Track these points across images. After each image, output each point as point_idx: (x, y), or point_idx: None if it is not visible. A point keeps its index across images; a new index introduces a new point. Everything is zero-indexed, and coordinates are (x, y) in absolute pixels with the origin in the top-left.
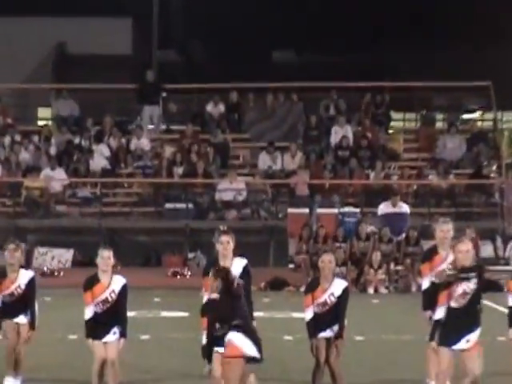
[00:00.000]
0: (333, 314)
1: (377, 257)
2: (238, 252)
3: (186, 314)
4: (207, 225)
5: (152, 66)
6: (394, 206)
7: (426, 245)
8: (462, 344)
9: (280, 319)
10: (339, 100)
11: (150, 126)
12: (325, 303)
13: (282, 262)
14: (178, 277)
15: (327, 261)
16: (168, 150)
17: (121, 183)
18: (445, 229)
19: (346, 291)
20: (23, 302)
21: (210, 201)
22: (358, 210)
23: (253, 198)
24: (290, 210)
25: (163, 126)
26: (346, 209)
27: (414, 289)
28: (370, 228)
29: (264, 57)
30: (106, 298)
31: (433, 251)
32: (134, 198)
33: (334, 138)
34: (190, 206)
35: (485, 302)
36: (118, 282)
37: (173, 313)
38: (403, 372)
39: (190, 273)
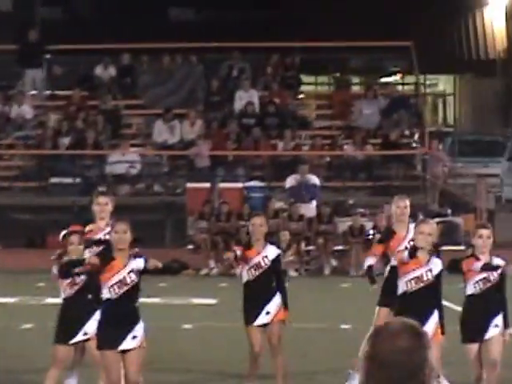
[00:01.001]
0: (267, 280)
1: (285, 236)
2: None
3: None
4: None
5: (34, 24)
6: (303, 177)
7: (341, 223)
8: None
9: (178, 306)
10: (243, 62)
11: (33, 92)
12: (258, 265)
13: (180, 242)
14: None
15: (258, 224)
16: (53, 118)
17: (0, 155)
18: (401, 205)
19: (278, 257)
20: None
21: (100, 174)
22: (264, 184)
23: (147, 171)
24: (189, 185)
25: (47, 92)
26: (252, 183)
27: (327, 271)
28: (279, 204)
29: (160, 14)
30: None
31: (390, 231)
32: (15, 172)
33: (238, 104)
34: (78, 180)
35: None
36: None
37: (59, 299)
38: (315, 364)
39: None
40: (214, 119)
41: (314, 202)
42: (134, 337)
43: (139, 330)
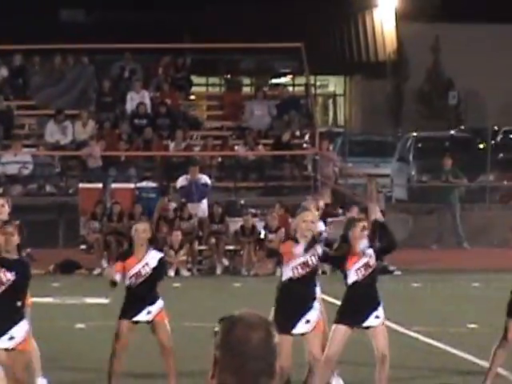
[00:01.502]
0: (148, 288)
1: (177, 236)
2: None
3: None
4: None
5: None
6: (194, 177)
7: (232, 222)
8: (301, 326)
9: (71, 305)
10: (135, 63)
11: None
12: (138, 274)
13: (73, 242)
14: None
15: (141, 230)
16: None
17: None
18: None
19: (161, 261)
20: None
21: None
22: (156, 184)
23: (40, 171)
24: (82, 185)
25: None
26: (144, 183)
27: (219, 271)
28: (171, 204)
29: (51, 16)
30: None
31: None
32: None
33: (130, 105)
34: None
35: None
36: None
37: None
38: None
39: None
40: (106, 120)
41: (205, 202)
42: (11, 338)
43: (17, 331)
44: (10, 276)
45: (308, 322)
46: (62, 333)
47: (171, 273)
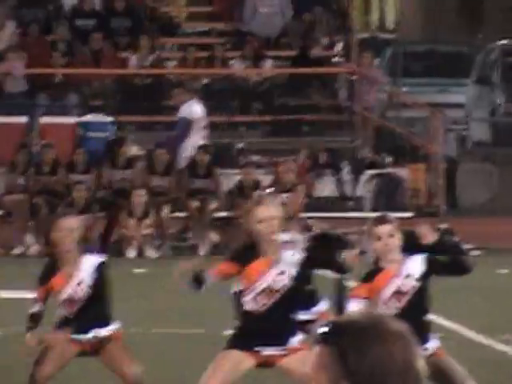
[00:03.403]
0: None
1: (140, 197)
2: None
3: None
4: None
5: None
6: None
7: (225, 176)
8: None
9: None
10: None
11: None
12: (72, 300)
13: None
14: None
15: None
16: None
17: None
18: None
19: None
20: None
21: None
22: (110, 119)
23: None
24: None
25: None
26: (90, 117)
27: (203, 251)
28: (134, 149)
29: None
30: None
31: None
32: None
33: None
34: None
35: None
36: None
37: None
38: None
39: None
40: (33, 20)
41: (189, 147)
42: None
43: None
44: None
45: None
46: None
47: (131, 253)
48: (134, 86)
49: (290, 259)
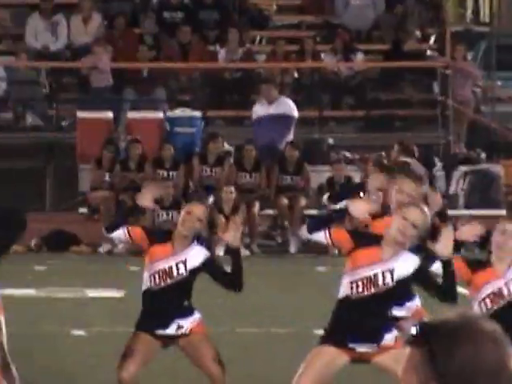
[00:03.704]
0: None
1: (229, 194)
2: None
3: None
4: None
5: None
6: (270, 103)
7: (315, 173)
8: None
9: (65, 301)
10: None
11: None
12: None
13: (68, 203)
14: None
15: (196, 216)
16: None
17: None
18: None
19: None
20: None
21: None
22: (198, 113)
23: (17, 92)
24: (81, 115)
25: None
26: (179, 111)
27: (293, 249)
28: (220, 146)
29: None
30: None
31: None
32: None
33: None
34: None
35: None
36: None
37: None
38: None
39: None
40: (119, 13)
41: (282, 144)
42: None
43: None
44: None
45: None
46: (52, 342)
47: (221, 251)
48: (223, 80)
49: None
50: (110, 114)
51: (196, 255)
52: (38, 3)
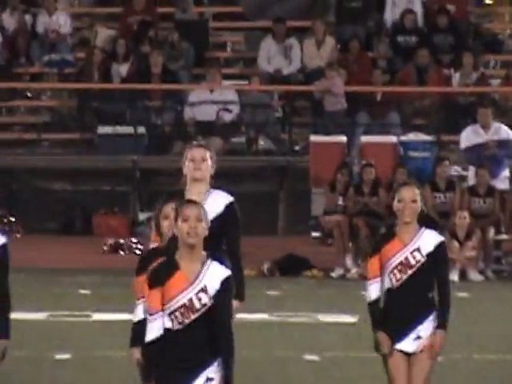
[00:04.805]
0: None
1: (464, 219)
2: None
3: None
4: (165, 163)
5: None
6: (486, 128)
7: None
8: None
9: (298, 326)
10: None
11: None
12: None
13: (300, 227)
14: (121, 253)
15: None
16: (103, 34)
17: (20, 90)
18: None
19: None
20: None
21: (175, 122)
22: (432, 138)
23: (249, 116)
24: (314, 139)
25: None
26: (412, 136)
27: None
28: (454, 169)
29: None
30: None
31: None
32: (45, 117)
33: (391, 13)
34: (141, 130)
35: None
36: None
37: (110, 315)
38: None
39: (139, 246)
40: (353, 37)
41: (507, 169)
42: None
43: None
44: None
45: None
46: (284, 367)
47: (454, 276)
48: (457, 105)
49: None
50: (343, 138)
51: None
52: (271, 26)
